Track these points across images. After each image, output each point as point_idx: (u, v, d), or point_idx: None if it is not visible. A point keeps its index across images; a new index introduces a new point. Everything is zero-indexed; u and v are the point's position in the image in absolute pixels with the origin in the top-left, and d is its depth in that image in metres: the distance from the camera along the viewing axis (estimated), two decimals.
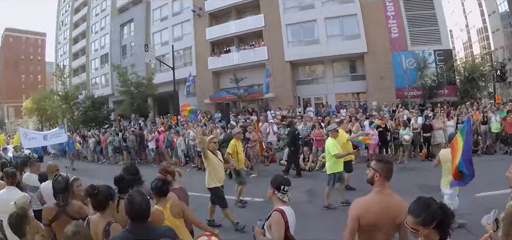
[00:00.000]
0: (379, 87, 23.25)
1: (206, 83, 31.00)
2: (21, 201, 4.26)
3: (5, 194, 4.98)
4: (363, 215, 2.86)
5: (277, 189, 3.44)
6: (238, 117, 22.05)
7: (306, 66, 28.41)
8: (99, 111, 38.33)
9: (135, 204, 2.78)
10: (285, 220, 3.30)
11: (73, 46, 57.34)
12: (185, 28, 33.97)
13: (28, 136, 13.70)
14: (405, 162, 12.73)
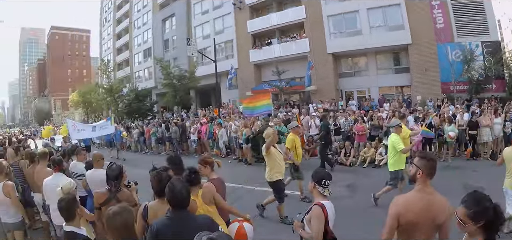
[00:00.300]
0: (424, 81, 22.29)
1: (247, 76, 31.18)
2: (67, 187, 4.44)
3: (52, 180, 5.27)
4: (403, 213, 2.81)
5: (318, 183, 3.45)
6: (280, 109, 22.01)
7: (349, 58, 27.70)
8: (142, 103, 39.30)
9: (176, 192, 2.85)
10: (325, 214, 3.32)
11: (117, 42, 59.91)
12: (226, 21, 34.23)
13: (77, 127, 14.13)
14: (449, 160, 12.11)
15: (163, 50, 43.68)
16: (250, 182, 10.40)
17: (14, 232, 5.69)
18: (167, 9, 43.83)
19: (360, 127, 13.30)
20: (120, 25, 58.77)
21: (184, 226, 2.74)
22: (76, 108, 67.59)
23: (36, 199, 6.60)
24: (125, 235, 2.61)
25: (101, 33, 69.14)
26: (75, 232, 3.30)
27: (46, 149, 6.82)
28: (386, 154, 11.19)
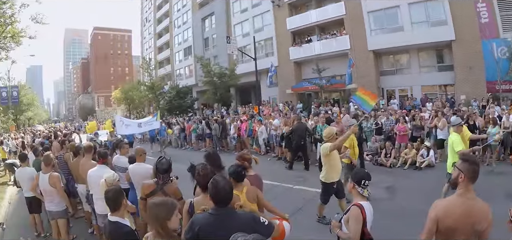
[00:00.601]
0: (468, 79, 21.20)
1: (287, 73, 31.25)
2: (111, 179, 4.66)
3: (97, 172, 5.56)
4: (442, 218, 2.77)
5: (357, 183, 3.45)
6: (320, 108, 22.00)
7: (390, 56, 26.69)
8: (183, 100, 40.33)
9: (219, 188, 2.85)
10: (364, 216, 3.30)
11: (158, 41, 62.10)
12: (265, 19, 34.38)
13: (124, 123, 14.39)
14: (493, 164, 11.16)
15: (203, 48, 44.59)
16: (288, 181, 10.39)
17: (58, 220, 6.13)
18: (206, 8, 44.67)
19: (401, 127, 12.92)
20: (161, 25, 60.80)
21: (226, 223, 2.73)
22: (119, 105, 70.30)
23: (80, 190, 7.08)
24: (157, 226, 2.68)
25: (142, 32, 71.66)
26: (120, 222, 3.40)
27: (91, 143, 7.33)
28: (427, 156, 11.29)
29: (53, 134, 17.15)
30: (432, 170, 10.94)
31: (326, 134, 6.72)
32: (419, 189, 8.03)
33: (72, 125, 55.12)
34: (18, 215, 9.32)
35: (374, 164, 12.25)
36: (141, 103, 56.16)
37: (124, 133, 14.27)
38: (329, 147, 6.23)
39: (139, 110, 58.14)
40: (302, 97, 30.69)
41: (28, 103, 52.68)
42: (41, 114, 76.73)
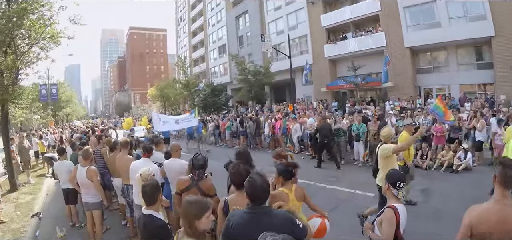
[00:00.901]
0: (509, 78, 20.11)
1: (322, 71, 31.00)
2: (146, 173, 4.72)
3: (141, 165, 5.60)
4: (475, 225, 2.69)
5: (393, 185, 3.41)
6: (355, 106, 21.74)
7: (427, 53, 25.80)
8: (218, 97, 40.61)
9: (256, 186, 2.82)
10: (397, 218, 3.26)
11: (192, 39, 63.59)
12: (299, 16, 34.26)
13: (162, 120, 14.29)
14: None
15: (238, 47, 45.25)
16: (321, 180, 10.35)
17: (93, 211, 6.40)
18: (240, 7, 45.19)
19: (438, 128, 12.29)
20: (195, 24, 62.32)
21: (262, 222, 2.64)
22: (154, 102, 72.00)
23: (116, 183, 7.34)
24: (186, 224, 2.73)
25: (177, 31, 73.56)
26: (154, 215, 3.42)
27: (127, 139, 7.54)
28: (465, 159, 10.87)
29: (91, 129, 17.85)
30: (469, 173, 10.59)
31: (385, 134, 6.37)
32: (455, 193, 7.86)
33: (109, 121, 57.17)
34: (54, 206, 9.83)
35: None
36: (176, 101, 57.41)
37: (161, 129, 14.26)
38: (392, 148, 5.89)
39: (174, 107, 59.45)
40: (337, 95, 30.49)
41: (67, 100, 54.87)
42: (79, 110, 79.67)
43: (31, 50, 11.77)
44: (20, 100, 12.46)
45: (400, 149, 6.20)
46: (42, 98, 30.92)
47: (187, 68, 47.56)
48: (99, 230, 6.45)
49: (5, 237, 7.62)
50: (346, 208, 7.69)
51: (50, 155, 11.69)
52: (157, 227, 3.36)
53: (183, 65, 46.46)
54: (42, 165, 17.45)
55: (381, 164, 6.07)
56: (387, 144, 6.05)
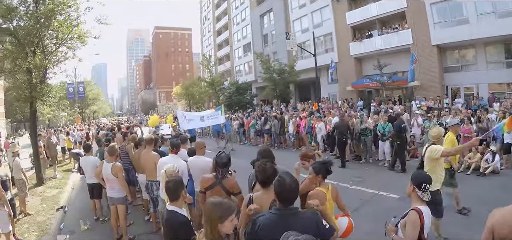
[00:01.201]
0: None
1: (348, 70, 30.75)
2: (170, 170, 4.71)
3: (169, 160, 5.76)
4: (498, 229, 2.66)
5: (418, 187, 3.37)
6: (381, 106, 21.51)
7: (455, 51, 24.81)
8: (243, 96, 41.37)
9: (285, 186, 2.79)
10: (422, 221, 3.22)
11: (217, 38, 64.37)
12: (324, 14, 33.96)
13: (187, 118, 14.17)
14: None
15: (263, 45, 45.51)
16: (345, 180, 10.10)
17: (117, 205, 6.55)
18: (264, 5, 45.39)
19: (466, 129, 11.80)
20: (220, 22, 63.11)
21: (290, 223, 2.61)
22: (179, 100, 73.15)
23: (140, 179, 7.53)
24: (208, 226, 2.62)
25: (202, 30, 74.63)
26: (176, 211, 3.44)
27: (152, 136, 7.57)
28: (492, 162, 10.54)
29: (116, 126, 18.32)
30: (496, 177, 10.21)
31: (434, 134, 6.00)
32: (481, 197, 7.56)
33: (134, 118, 58.54)
34: (79, 200, 10.13)
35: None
36: (201, 99, 58.26)
37: (186, 127, 14.05)
38: (443, 151, 5.57)
39: (199, 105, 60.31)
40: (363, 94, 30.28)
41: (93, 97, 56.58)
42: (105, 108, 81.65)
43: (58, 49, 12.24)
44: (48, 98, 12.88)
45: (450, 154, 5.94)
46: (70, 96, 32.09)
47: (212, 66, 48.13)
48: (123, 224, 6.66)
49: (31, 229, 7.84)
50: (369, 209, 7.71)
51: (76, 151, 11.94)
52: (179, 223, 3.39)
53: (208, 64, 47.11)
54: (69, 160, 18.00)
55: (427, 166, 5.78)
56: (437, 146, 5.72)
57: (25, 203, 9.09)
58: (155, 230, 7.02)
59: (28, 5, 11.31)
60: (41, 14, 11.03)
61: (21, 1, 11.25)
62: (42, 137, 16.10)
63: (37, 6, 11.19)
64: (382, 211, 7.12)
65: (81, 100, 42.13)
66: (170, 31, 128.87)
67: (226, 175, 4.52)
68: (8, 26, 11.25)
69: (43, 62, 11.39)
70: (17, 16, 11.19)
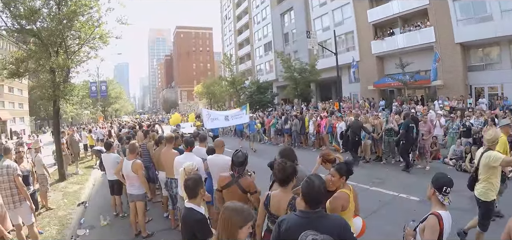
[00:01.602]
0: None
1: (369, 68, 30.54)
2: (189, 167, 4.70)
3: (184, 159, 5.85)
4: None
5: (438, 190, 3.24)
6: (403, 106, 21.36)
7: (479, 49, 24.11)
8: (263, 95, 41.64)
9: (314, 188, 2.77)
10: (441, 226, 3.09)
11: (238, 37, 64.92)
12: (345, 12, 33.81)
13: (211, 117, 13.71)
14: None
15: (283, 44, 45.69)
16: (365, 181, 9.98)
17: (136, 202, 6.62)
18: (285, 3, 45.45)
19: None
20: (240, 22, 63.71)
21: (316, 226, 2.57)
22: (200, 99, 74.00)
23: (160, 177, 7.61)
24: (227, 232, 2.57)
25: (223, 29, 75.34)
26: (194, 209, 3.44)
27: (172, 134, 7.65)
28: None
29: (138, 124, 18.62)
30: None
31: (490, 138, 5.34)
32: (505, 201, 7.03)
33: (156, 117, 59.60)
34: (100, 195, 10.37)
35: (458, 169, 11.19)
36: (222, 98, 58.98)
37: (210, 126, 13.96)
38: (502, 160, 5.05)
39: (220, 104, 60.97)
40: (384, 93, 30.03)
41: (116, 96, 57.92)
42: (127, 106, 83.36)
43: (81, 49, 12.60)
44: (70, 96, 13.01)
45: (511, 164, 5.48)
46: (92, 94, 32.97)
47: (233, 65, 48.57)
48: (141, 220, 6.79)
49: (52, 223, 8.03)
50: (389, 211, 7.54)
51: (98, 148, 11.97)
52: (196, 220, 3.39)
53: (229, 63, 47.53)
54: (90, 157, 18.51)
55: (483, 175, 5.25)
56: (495, 153, 5.15)
57: (46, 198, 9.35)
58: (173, 227, 7.16)
59: (51, 7, 11.68)
60: (63, 16, 11.35)
61: (44, 3, 11.57)
62: (65, 134, 16.87)
63: (60, 7, 11.52)
64: (402, 213, 7.05)
65: (103, 99, 43.07)
66: (191, 30, 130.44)
67: (242, 174, 4.55)
68: (31, 27, 11.53)
69: (66, 62, 11.72)
70: (40, 17, 11.52)
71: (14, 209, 5.94)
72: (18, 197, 5.96)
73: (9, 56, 13.34)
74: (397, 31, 28.42)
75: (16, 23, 11.34)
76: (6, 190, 5.84)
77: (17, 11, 11.00)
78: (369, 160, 13.52)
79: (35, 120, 68.19)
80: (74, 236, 7.21)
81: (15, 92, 59.19)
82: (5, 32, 12.12)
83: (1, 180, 5.83)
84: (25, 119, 63.50)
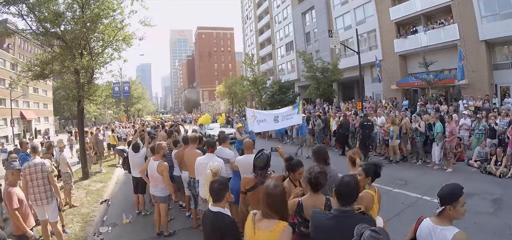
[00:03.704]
0: None
1: (392, 67, 30.07)
2: (215, 168, 4.85)
3: (205, 160, 5.98)
4: None
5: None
6: (427, 106, 21.18)
7: (504, 46, 23.32)
8: (285, 95, 41.51)
9: (350, 188, 2.81)
10: None
11: (259, 37, 65.29)
12: (367, 10, 33.50)
13: (258, 118, 11.99)
14: None
15: (305, 43, 45.85)
16: (387, 182, 9.82)
17: (160, 204, 6.77)
18: (306, 3, 45.49)
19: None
20: (261, 21, 64.09)
21: (346, 224, 2.60)
22: (222, 99, 74.81)
23: (183, 176, 7.55)
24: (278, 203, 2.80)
25: (244, 29, 76.02)
26: (222, 212, 3.41)
27: (196, 134, 7.57)
28: None
29: (160, 124, 18.79)
30: None
31: None
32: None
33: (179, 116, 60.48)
34: (122, 193, 10.66)
35: (482, 172, 11.06)
36: (243, 97, 59.63)
37: (257, 130, 12.66)
38: None
39: (242, 104, 61.47)
40: (408, 93, 29.67)
41: (138, 96, 59.15)
42: (150, 106, 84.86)
43: (104, 51, 13.10)
44: (94, 97, 13.37)
45: None
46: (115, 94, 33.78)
47: (254, 65, 48.63)
48: (164, 220, 6.88)
49: (75, 220, 8.28)
50: (411, 214, 7.26)
51: (121, 148, 12.23)
52: (227, 224, 3.37)
53: (250, 63, 47.66)
54: (113, 156, 19.05)
55: None
56: None
57: (70, 195, 9.71)
58: (195, 226, 7.28)
59: (75, 10, 12.08)
60: (87, 19, 11.78)
61: (68, 6, 12.08)
62: (88, 134, 17.27)
63: (83, 11, 11.92)
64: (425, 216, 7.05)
65: (126, 99, 43.96)
66: (213, 31, 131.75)
67: (266, 175, 4.61)
68: (56, 30, 12.02)
69: (90, 63, 12.16)
70: (64, 20, 12.04)
71: (47, 205, 6.11)
72: (51, 193, 6.18)
73: (34, 58, 13.86)
74: (420, 29, 27.85)
75: (41, 26, 11.81)
76: (40, 186, 6.03)
77: (41, 15, 11.42)
78: (398, 161, 13.48)
79: (59, 120, 70.48)
80: (97, 233, 7.52)
81: (40, 93, 61.78)
82: (30, 35, 12.49)
83: (35, 177, 5.99)
84: (50, 118, 65.99)
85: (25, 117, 55.63)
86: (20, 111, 54.30)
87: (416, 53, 27.56)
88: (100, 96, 14.11)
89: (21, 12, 11.41)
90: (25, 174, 5.97)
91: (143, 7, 12.94)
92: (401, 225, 6.17)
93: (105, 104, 36.77)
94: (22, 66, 14.31)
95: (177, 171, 8.02)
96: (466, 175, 10.84)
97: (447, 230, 2.63)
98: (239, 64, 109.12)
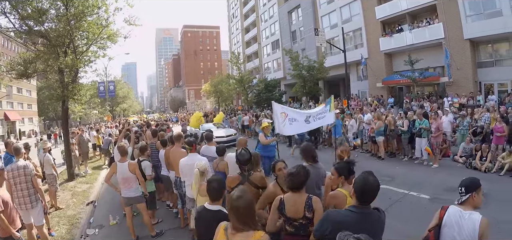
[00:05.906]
0: None
1: (378, 66, 30.25)
2: (203, 166, 4.78)
3: (188, 160, 5.97)
4: None
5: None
6: (412, 103, 21.33)
7: (488, 45, 23.62)
8: (271, 93, 41.68)
9: (369, 185, 2.74)
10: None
11: (245, 35, 65.06)
12: (353, 9, 33.50)
13: (289, 117, 9.35)
14: None
15: (291, 42, 45.81)
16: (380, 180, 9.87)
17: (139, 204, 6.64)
18: (292, 1, 45.50)
19: (498, 127, 11.34)
20: (248, 20, 63.82)
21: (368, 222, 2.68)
22: (208, 97, 74.49)
23: (171, 176, 7.46)
24: (245, 214, 2.59)
25: (230, 28, 75.68)
26: (222, 210, 3.33)
27: (181, 133, 7.50)
28: None
29: (146, 124, 18.51)
30: None
31: None
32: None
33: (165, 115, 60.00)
34: (109, 194, 10.31)
35: (468, 167, 11.24)
36: (230, 96, 59.35)
37: (287, 133, 11.00)
38: None
39: (228, 102, 61.31)
40: (393, 91, 29.84)
41: (123, 96, 58.45)
42: (135, 106, 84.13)
43: (89, 49, 12.77)
44: (79, 96, 13.14)
45: None
46: (100, 94, 33.26)
47: (240, 64, 48.69)
48: (147, 220, 6.79)
49: (61, 223, 8.15)
50: (399, 210, 7.44)
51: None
52: None
53: (236, 61, 47.61)
54: (99, 157, 18.83)
55: None
56: None
57: (56, 198, 9.51)
58: (182, 226, 7.26)
59: (59, 7, 11.78)
60: (71, 16, 11.52)
61: (51, 3, 11.68)
62: (75, 134, 16.93)
63: (67, 8, 11.61)
64: (412, 211, 7.20)
65: (111, 99, 43.44)
66: (199, 29, 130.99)
67: (251, 171, 4.64)
68: (39, 28, 11.66)
69: (74, 62, 11.86)
70: (48, 18, 11.67)
71: (31, 209, 5.98)
72: (35, 197, 6.04)
73: (18, 57, 13.40)
74: (405, 27, 28.08)
75: (24, 24, 11.48)
76: (24, 190, 5.89)
77: (24, 12, 11.13)
78: (383, 158, 13.53)
79: (44, 121, 69.14)
80: (83, 236, 7.40)
81: (24, 93, 60.37)
82: (13, 33, 12.31)
83: (18, 180, 5.85)
84: (34, 119, 64.52)
85: (9, 118, 54.46)
86: (4, 112, 53.28)
87: (401, 51, 27.72)
88: (84, 95, 13.95)
89: (4, 10, 11.04)
90: (9, 177, 5.82)
91: (128, 5, 12.62)
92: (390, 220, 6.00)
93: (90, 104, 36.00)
94: (5, 65, 13.85)
95: (165, 171, 7.93)
96: (451, 171, 10.87)
97: (474, 214, 2.95)
98: (225, 63, 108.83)
